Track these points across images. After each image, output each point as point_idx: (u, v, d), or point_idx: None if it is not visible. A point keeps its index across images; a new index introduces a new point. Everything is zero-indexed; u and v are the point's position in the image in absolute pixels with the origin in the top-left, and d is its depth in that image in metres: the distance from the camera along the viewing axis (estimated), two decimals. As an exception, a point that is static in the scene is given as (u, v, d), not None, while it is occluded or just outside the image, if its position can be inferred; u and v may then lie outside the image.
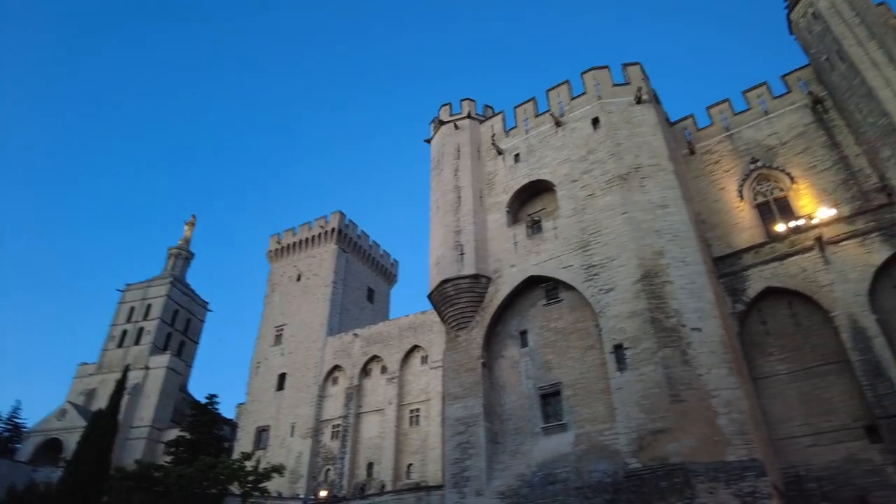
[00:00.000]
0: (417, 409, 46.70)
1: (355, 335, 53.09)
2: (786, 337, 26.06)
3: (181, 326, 77.64)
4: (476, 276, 30.50)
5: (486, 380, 28.34)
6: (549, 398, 26.70)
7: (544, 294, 29.32)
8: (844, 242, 25.63)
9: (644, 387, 23.09)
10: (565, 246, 28.84)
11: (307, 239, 64.02)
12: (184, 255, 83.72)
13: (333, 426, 50.01)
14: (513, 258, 30.58)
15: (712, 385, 22.51)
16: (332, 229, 62.85)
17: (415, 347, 49.20)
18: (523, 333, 29.14)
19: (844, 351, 23.95)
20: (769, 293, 26.81)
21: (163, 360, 69.81)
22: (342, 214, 64.32)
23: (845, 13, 29.37)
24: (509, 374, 28.54)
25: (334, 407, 50.98)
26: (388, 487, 42.38)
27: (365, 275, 67.09)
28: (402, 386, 48.30)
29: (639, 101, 30.98)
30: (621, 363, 24.17)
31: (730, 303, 27.02)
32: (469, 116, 37.34)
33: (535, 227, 31.11)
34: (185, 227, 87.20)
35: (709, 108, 34.47)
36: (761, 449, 21.76)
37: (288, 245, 65.07)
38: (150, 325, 73.10)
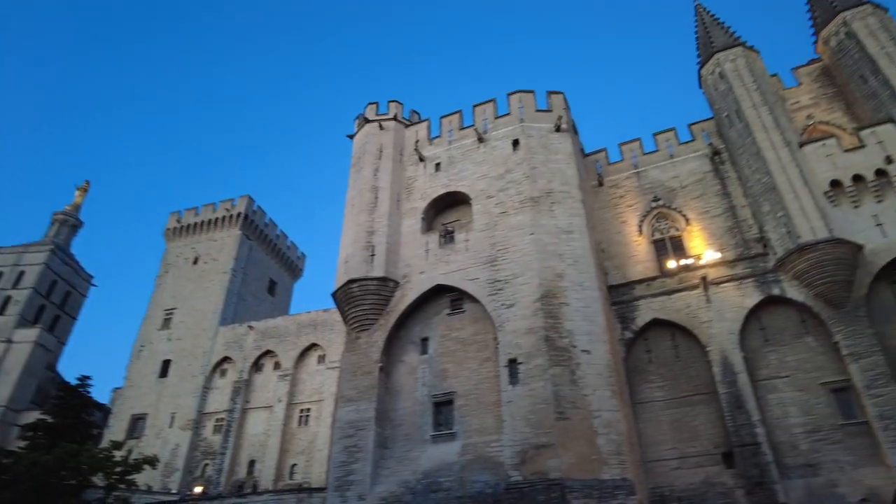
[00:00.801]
0: (308, 409, 45.60)
1: (250, 327, 51.04)
2: (666, 366, 27.98)
3: (58, 299, 70.64)
4: (384, 279, 30.35)
5: (381, 384, 28.19)
6: (442, 406, 26.99)
7: (449, 303, 29.69)
8: (724, 284, 28.01)
9: (532, 402, 23.93)
10: (474, 259, 29.40)
11: (210, 221, 60.89)
12: (70, 223, 76.32)
13: (217, 420, 47.67)
14: (423, 265, 30.75)
15: (595, 406, 23.75)
16: (238, 214, 60.23)
17: (312, 346, 48.08)
18: (425, 340, 29.31)
19: (714, 383, 26.05)
20: (655, 324, 28.70)
21: (30, 333, 63.11)
22: (250, 199, 61.82)
23: (745, 78, 32.26)
24: (406, 379, 28.57)
25: (220, 400, 48.63)
26: (269, 487, 40.96)
27: (268, 265, 64.80)
28: (295, 384, 47.00)
29: (558, 129, 32.35)
30: (514, 377, 24.92)
31: (619, 329, 28.65)
32: (395, 119, 37.27)
33: (448, 237, 31.51)
34: (76, 193, 79.42)
35: (621, 144, 36.57)
36: (633, 469, 23.19)
37: (188, 225, 61.56)
38: (20, 295, 65.91)
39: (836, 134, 30.88)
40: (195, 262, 58.78)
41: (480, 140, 33.67)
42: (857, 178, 27.60)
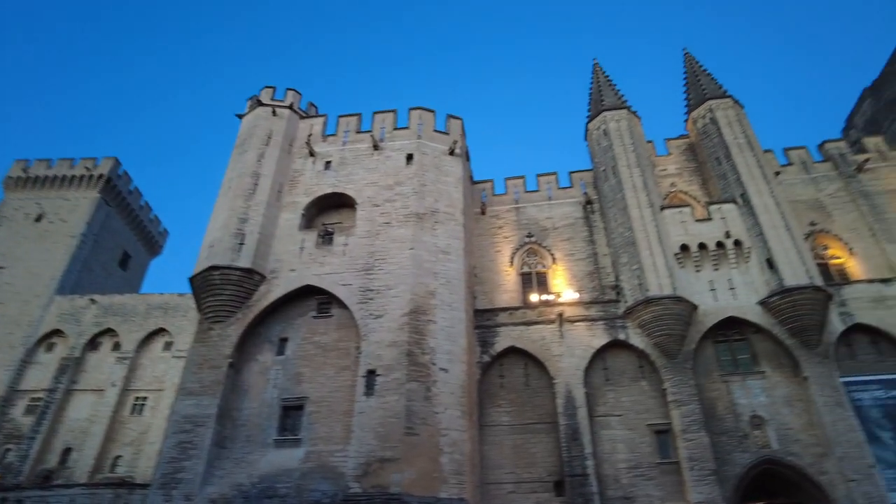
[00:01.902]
0: (145, 398, 42.01)
1: (92, 300, 46.20)
2: (516, 392, 29.34)
3: None
4: (250, 271, 28.96)
5: (229, 381, 26.71)
6: (291, 411, 26.12)
7: (316, 306, 28.99)
8: (578, 323, 30.11)
9: (384, 415, 23.95)
10: (350, 264, 29.07)
11: (65, 177, 54.61)
12: None
13: (32, 399, 42.28)
14: (295, 263, 29.81)
15: (445, 424, 24.30)
16: (101, 175, 54.66)
17: (161, 330, 44.55)
18: (284, 341, 28.28)
19: (556, 414, 27.74)
20: (512, 351, 30.09)
21: None
22: (117, 162, 56.37)
23: (625, 139, 35.31)
24: (257, 379, 27.32)
25: (40, 377, 43.26)
26: (85, 479, 36.94)
27: (124, 236, 59.29)
28: (135, 369, 43.17)
29: (452, 152, 33.24)
30: (370, 389, 24.81)
31: (479, 352, 29.68)
32: (290, 107, 36.09)
33: (326, 237, 30.86)
34: None
35: (507, 178, 38.34)
36: (471, 490, 23.93)
37: (37, 177, 54.71)
38: None
39: (692, 204, 34.68)
40: (38, 219, 52.28)
41: (376, 147, 33.61)
42: (702, 246, 31.12)
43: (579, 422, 27.23)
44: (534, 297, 31.80)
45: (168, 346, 43.97)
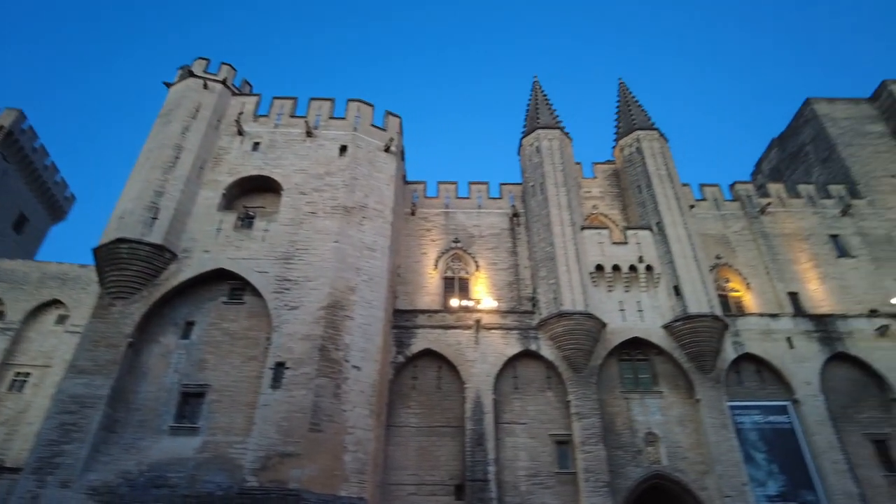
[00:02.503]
0: (28, 374, 38.63)
1: (-24, 263, 42.12)
2: (427, 395, 29.45)
3: None
4: (161, 248, 27.39)
5: (126, 361, 25.10)
6: (191, 398, 24.89)
7: (229, 291, 27.84)
8: (494, 331, 30.68)
9: (290, 409, 23.32)
10: (270, 251, 28.15)
11: (-43, 126, 49.63)
12: None
13: None
14: (211, 244, 28.51)
15: (352, 422, 23.99)
16: (1, 127, 50.05)
17: (55, 302, 41.21)
18: (190, 324, 26.93)
19: (464, 419, 28.08)
20: (428, 354, 30.20)
21: None
22: (21, 115, 51.81)
23: (556, 158, 36.44)
24: (157, 362, 25.84)
25: None
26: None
27: (23, 197, 54.57)
28: (19, 342, 39.63)
29: (387, 149, 33.02)
30: (277, 381, 24.09)
31: (394, 352, 29.56)
32: (223, 83, 34.59)
33: (247, 221, 29.75)
34: None
35: (439, 182, 38.55)
36: (371, 490, 23.74)
37: (-76, 122, 49.41)
38: None
39: (610, 227, 36.28)
40: (-81, 167, 47.17)
41: (309, 134, 32.81)
42: (616, 268, 32.58)
43: (485, 427, 27.69)
44: (454, 302, 32.12)
45: (62, 319, 40.72)
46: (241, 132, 32.93)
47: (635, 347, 31.20)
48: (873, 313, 33.78)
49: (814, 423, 29.16)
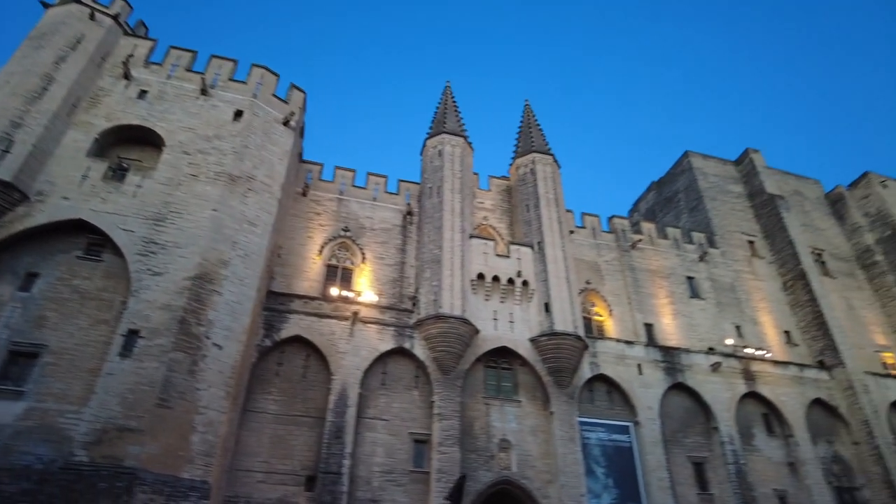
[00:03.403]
0: None
1: None
2: (290, 382, 28.49)
3: None
4: (10, 186, 24.15)
5: (-57, 307, 21.86)
6: (21, 358, 22.15)
7: (85, 246, 25.20)
8: (371, 325, 30.43)
9: (137, 381, 21.52)
10: (140, 209, 25.88)
11: None
12: None
13: None
14: (72, 191, 25.66)
15: (204, 402, 22.62)
16: None
17: None
18: (33, 276, 24.00)
19: (325, 410, 27.51)
20: (297, 341, 29.26)
21: None
22: None
23: (456, 165, 37.05)
24: (-17, 312, 22.75)
25: None
26: None
27: None
28: None
29: (286, 123, 31.72)
30: (127, 350, 22.15)
31: (262, 335, 28.33)
32: (115, 18, 31.40)
33: (119, 172, 27.16)
34: None
35: (337, 167, 37.68)
36: (217, 474, 22.51)
37: None
38: None
39: (497, 239, 37.51)
40: None
41: (204, 92, 30.66)
42: (496, 279, 33.70)
43: (347, 421, 27.34)
44: (334, 291, 31.42)
45: None
46: (127, 76, 30.05)
47: (502, 356, 32.43)
48: (711, 351, 37.82)
49: (649, 444, 31.98)
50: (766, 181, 50.55)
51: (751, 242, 47.62)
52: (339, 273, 33.77)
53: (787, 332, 42.55)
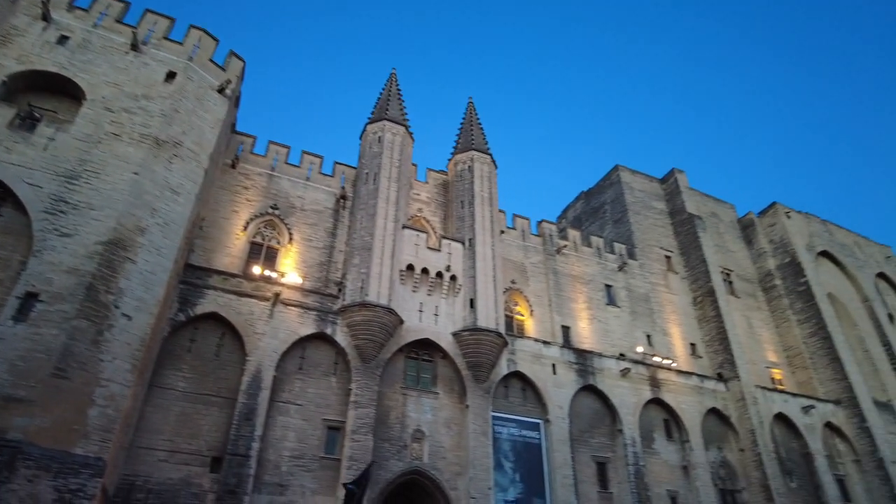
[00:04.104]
0: None
1: None
2: (203, 360, 27.38)
3: None
4: None
5: None
6: None
7: (-19, 198, 23.10)
8: (292, 308, 29.73)
9: (32, 347, 19.99)
10: (51, 164, 23.95)
11: None
12: None
13: None
14: (-29, 136, 23.40)
15: (107, 374, 21.33)
16: None
17: None
18: (-83, 224, 21.79)
19: (238, 391, 26.64)
20: (214, 318, 28.13)
21: None
22: None
23: (395, 154, 36.79)
24: None
25: None
26: None
27: None
28: None
29: (222, 90, 30.32)
30: (23, 314, 20.48)
31: (176, 308, 27.04)
32: (38, -44, 28.81)
33: (29, 122, 25.07)
34: None
35: (271, 142, 36.46)
36: (114, 451, 21.30)
37: None
38: None
39: (429, 232, 37.62)
40: None
41: (134, 48, 28.71)
42: (425, 271, 33.80)
43: (259, 403, 26.62)
44: (256, 270, 30.42)
45: None
46: (46, 18, 27.67)
47: (424, 348, 32.62)
48: (622, 357, 39.67)
49: (557, 442, 33.18)
50: (688, 201, 53.49)
51: (668, 257, 50.28)
52: (263, 251, 32.75)
53: (692, 345, 45.32)
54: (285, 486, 26.13)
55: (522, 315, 39.63)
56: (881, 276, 61.99)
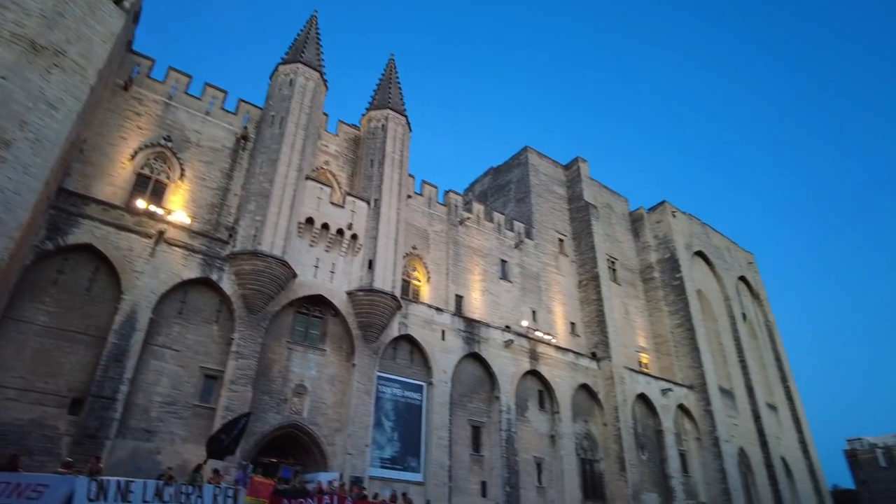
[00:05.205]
0: None
1: None
2: (70, 294, 25.21)
3: None
4: None
5: None
6: None
7: None
8: (177, 249, 28.01)
9: None
10: None
11: None
12: None
13: None
14: None
15: (-49, 299, 19.08)
16: None
17: None
18: None
19: (109, 331, 24.86)
20: (87, 250, 25.92)
21: None
22: None
23: (306, 100, 35.25)
24: None
25: None
26: None
27: None
28: None
29: (119, 1, 27.33)
30: None
31: (43, 235, 24.55)
32: None
33: None
34: None
35: (171, 68, 33.47)
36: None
37: None
38: None
39: (334, 187, 36.73)
40: None
41: (12, -65, 25.07)
42: (325, 227, 33.05)
43: (132, 345, 25.07)
44: (141, 204, 28.25)
45: None
46: None
47: (315, 304, 32.13)
48: (507, 329, 41.39)
49: (437, 404, 34.23)
50: (586, 190, 56.12)
51: (561, 240, 52.72)
52: (150, 185, 30.41)
53: (573, 324, 48.18)
54: (153, 433, 24.99)
55: (419, 281, 40.07)
56: (742, 279, 68.99)
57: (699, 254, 63.46)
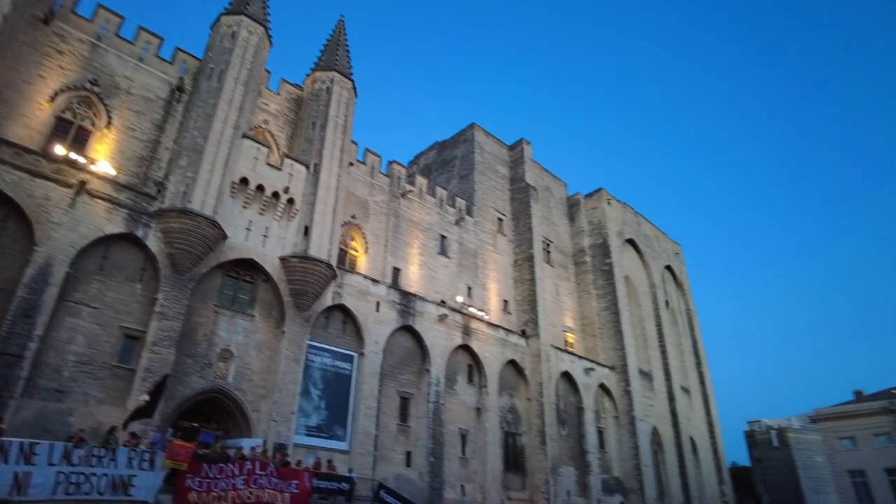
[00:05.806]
0: None
1: None
2: (-26, 243, 23.39)
3: None
4: None
5: None
6: None
7: None
8: (99, 201, 26.37)
9: None
10: None
11: None
12: None
13: None
14: None
15: None
16: None
17: None
18: None
19: (19, 283, 23.24)
20: (-5, 195, 24.01)
21: None
22: None
23: (248, 55, 33.62)
24: None
25: None
26: None
27: None
28: None
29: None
30: None
31: (-56, 177, 22.56)
32: None
33: None
34: None
35: (101, 6, 30.87)
36: None
37: None
38: None
39: (272, 148, 35.54)
40: None
41: None
42: (260, 188, 31.97)
43: (44, 301, 23.60)
44: (60, 151, 26.32)
45: None
46: None
47: (246, 268, 31.23)
48: (442, 303, 41.78)
49: (367, 375, 34.30)
50: (528, 172, 56.89)
51: (500, 220, 53.41)
52: (72, 131, 28.38)
53: (505, 302, 49.20)
54: (64, 393, 23.77)
55: (357, 251, 39.66)
56: (668, 268, 72.34)
57: (630, 241, 65.89)
